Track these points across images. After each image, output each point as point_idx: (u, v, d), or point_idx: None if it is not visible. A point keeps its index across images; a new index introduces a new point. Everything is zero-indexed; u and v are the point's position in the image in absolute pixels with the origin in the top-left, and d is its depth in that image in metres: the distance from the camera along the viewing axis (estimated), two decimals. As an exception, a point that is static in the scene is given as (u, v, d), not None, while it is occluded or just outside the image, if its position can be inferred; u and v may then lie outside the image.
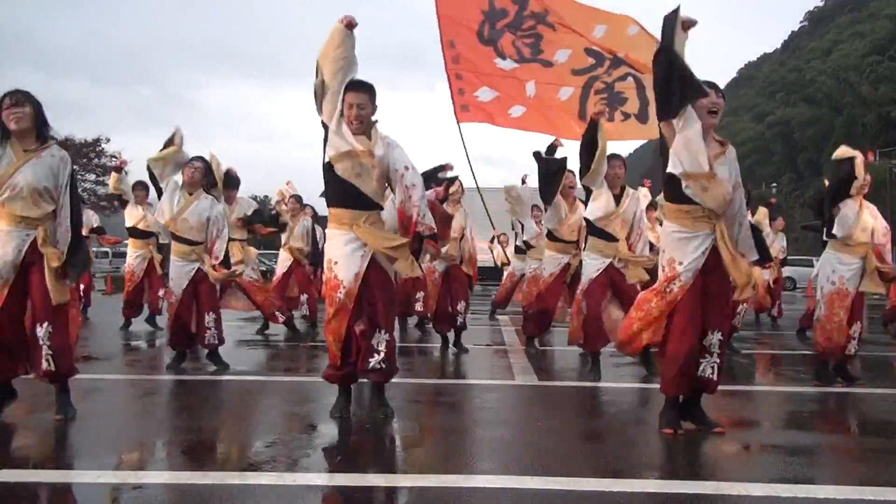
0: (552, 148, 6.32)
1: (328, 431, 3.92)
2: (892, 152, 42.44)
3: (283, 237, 8.61)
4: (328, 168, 3.91)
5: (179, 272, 5.49)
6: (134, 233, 8.46)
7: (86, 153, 31.88)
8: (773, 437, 3.80)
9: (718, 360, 3.78)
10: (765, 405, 4.86)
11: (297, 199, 8.81)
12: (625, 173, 5.53)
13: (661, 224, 4.55)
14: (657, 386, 4.73)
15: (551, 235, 6.54)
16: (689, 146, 3.68)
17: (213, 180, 5.82)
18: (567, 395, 5.03)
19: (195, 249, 5.47)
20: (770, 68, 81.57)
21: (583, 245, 5.90)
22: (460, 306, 6.87)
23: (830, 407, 4.84)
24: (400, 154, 3.97)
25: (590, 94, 6.90)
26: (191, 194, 5.51)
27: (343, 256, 3.87)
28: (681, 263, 3.69)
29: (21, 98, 3.88)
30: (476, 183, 7.71)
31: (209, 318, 5.56)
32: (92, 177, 32.50)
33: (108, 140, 32.70)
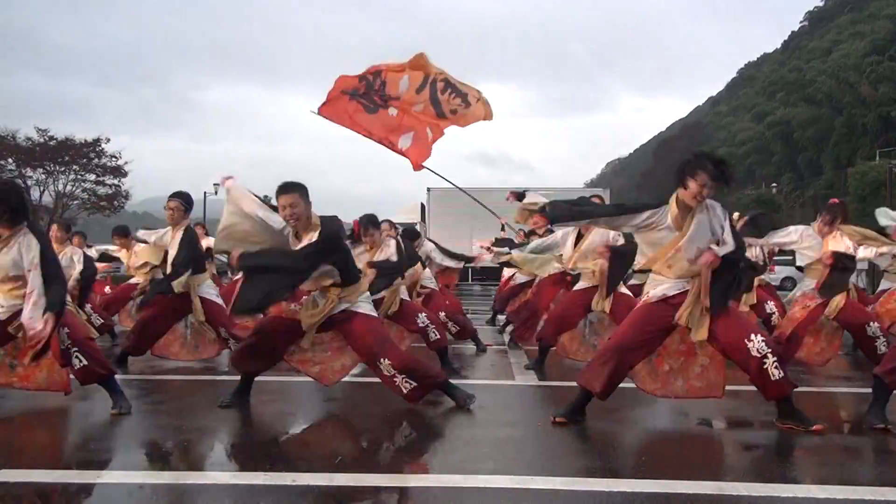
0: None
1: (328, 431, 3.93)
2: (892, 152, 42.42)
3: None
4: None
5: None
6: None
7: (86, 153, 31.82)
8: (773, 438, 3.80)
9: (776, 359, 3.75)
10: (765, 405, 4.85)
11: None
12: None
13: None
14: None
15: None
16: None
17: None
18: (567, 395, 5.02)
19: None
20: (770, 68, 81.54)
21: None
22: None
23: (830, 407, 4.84)
24: None
25: (438, 96, 7.55)
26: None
27: None
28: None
29: None
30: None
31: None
32: (92, 177, 32.45)
33: (108, 140, 32.63)
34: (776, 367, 3.73)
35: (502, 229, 9.84)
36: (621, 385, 5.20)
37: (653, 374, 4.10)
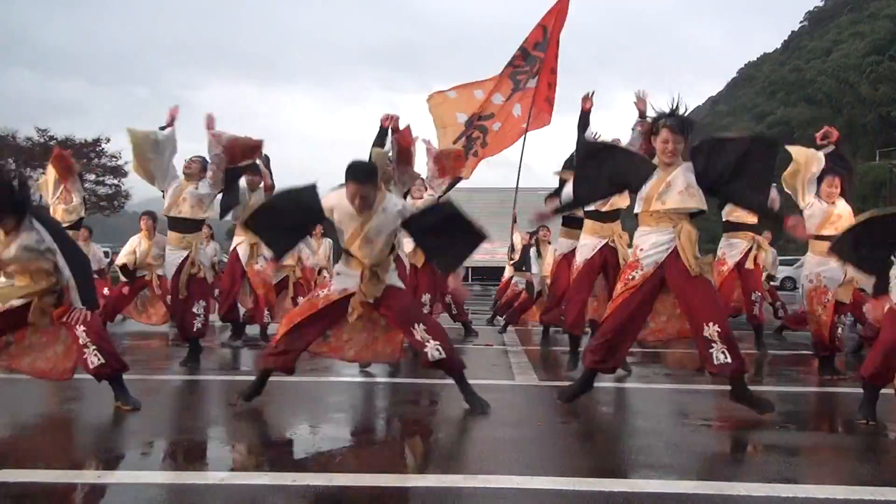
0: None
1: (328, 432, 3.92)
2: (892, 152, 42.40)
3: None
4: None
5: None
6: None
7: (86, 153, 31.85)
8: (773, 437, 3.80)
9: (726, 346, 3.95)
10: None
11: None
12: None
13: None
14: (657, 386, 4.74)
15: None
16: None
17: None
18: (567, 395, 5.03)
19: (186, 237, 5.82)
20: (770, 68, 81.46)
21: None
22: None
23: (830, 407, 4.84)
24: None
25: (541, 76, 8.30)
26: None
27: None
28: (641, 250, 4.12)
29: None
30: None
31: (198, 307, 5.81)
32: (92, 177, 32.46)
33: (108, 140, 32.68)
34: (723, 353, 3.97)
35: (514, 221, 9.90)
36: (621, 385, 5.22)
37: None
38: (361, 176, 4.00)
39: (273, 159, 6.98)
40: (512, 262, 10.47)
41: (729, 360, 3.98)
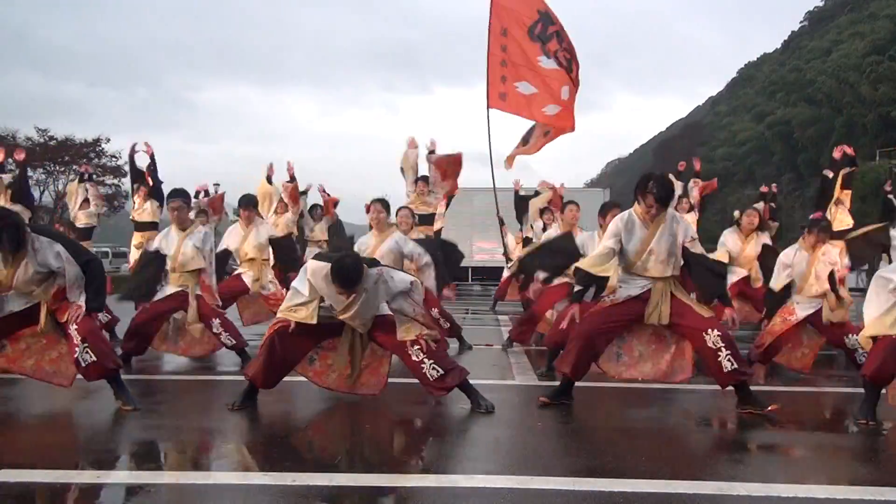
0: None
1: (328, 431, 3.93)
2: (892, 152, 42.40)
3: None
4: None
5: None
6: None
7: (86, 153, 31.84)
8: (772, 437, 3.80)
9: (730, 351, 4.10)
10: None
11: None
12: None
13: None
14: (657, 386, 4.74)
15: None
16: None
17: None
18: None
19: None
20: (770, 68, 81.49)
21: None
22: None
23: (830, 407, 4.84)
24: None
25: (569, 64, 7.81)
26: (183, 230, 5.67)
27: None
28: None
29: None
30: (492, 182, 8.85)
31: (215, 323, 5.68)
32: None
33: (108, 140, 32.66)
34: (729, 360, 4.11)
35: (501, 224, 9.92)
36: (621, 385, 5.22)
37: (617, 359, 4.54)
38: (349, 286, 3.94)
39: (274, 160, 7.01)
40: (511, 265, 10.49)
41: (736, 365, 4.09)
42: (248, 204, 7.16)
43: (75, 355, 4.06)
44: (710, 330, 4.15)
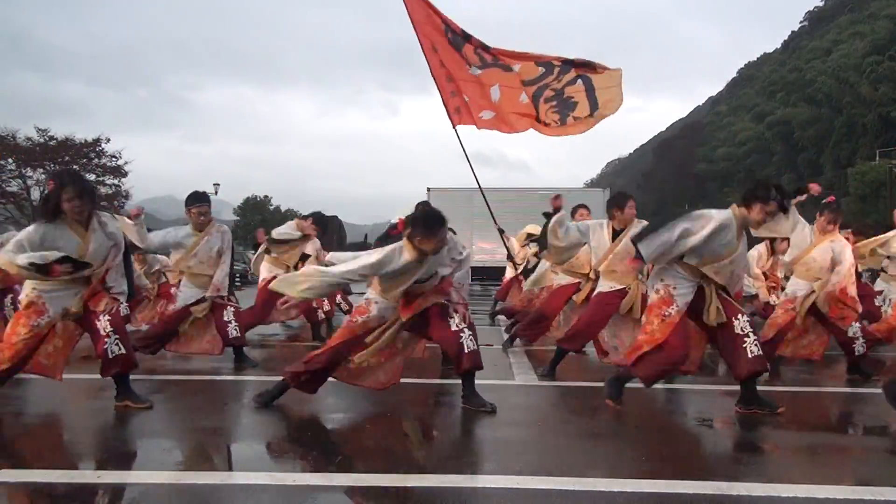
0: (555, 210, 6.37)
1: (328, 431, 3.93)
2: (892, 152, 42.39)
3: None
4: None
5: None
6: None
7: (86, 153, 31.83)
8: (773, 437, 3.80)
9: (756, 337, 4.20)
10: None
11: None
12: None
13: None
14: (657, 386, 4.74)
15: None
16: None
17: None
18: (567, 395, 5.03)
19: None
20: (770, 68, 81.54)
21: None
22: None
23: (830, 407, 4.84)
24: None
25: (540, 103, 7.29)
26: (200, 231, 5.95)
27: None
28: (675, 288, 4.21)
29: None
30: (478, 183, 7.81)
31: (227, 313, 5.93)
32: (92, 177, 32.45)
33: (109, 140, 32.65)
34: (756, 345, 4.16)
35: (501, 233, 9.92)
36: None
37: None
38: (439, 225, 4.17)
39: (273, 160, 7.05)
40: (519, 268, 10.50)
41: (760, 351, 4.17)
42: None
43: (104, 346, 4.13)
44: (739, 315, 4.20)
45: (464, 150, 7.70)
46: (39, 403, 4.55)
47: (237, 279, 17.57)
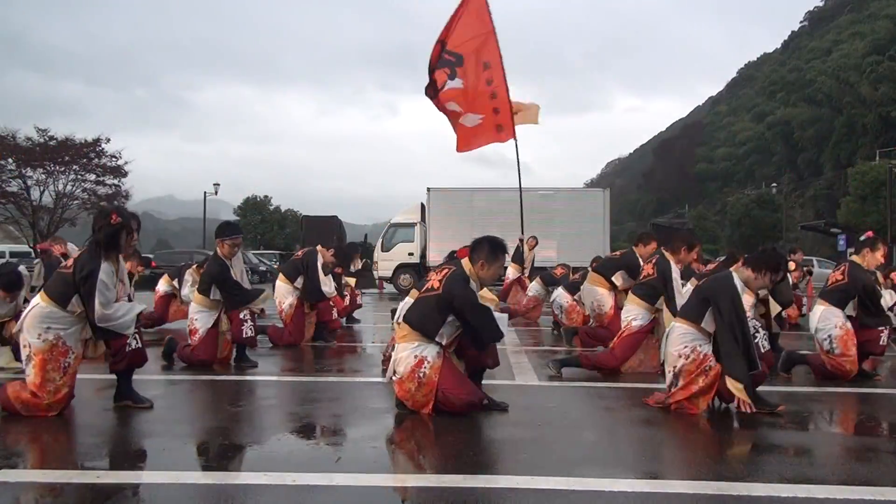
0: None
1: (328, 432, 3.92)
2: (892, 152, 42.38)
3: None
4: None
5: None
6: None
7: (86, 153, 31.80)
8: (773, 437, 3.80)
9: (765, 333, 4.67)
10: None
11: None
12: None
13: None
14: (657, 386, 4.74)
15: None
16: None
17: None
18: (567, 395, 5.04)
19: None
20: (770, 68, 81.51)
21: None
22: None
23: (830, 407, 4.84)
24: None
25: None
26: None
27: None
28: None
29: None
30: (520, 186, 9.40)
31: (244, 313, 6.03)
32: (92, 177, 32.44)
33: (109, 140, 32.60)
34: (765, 340, 4.56)
35: (520, 242, 10.13)
36: (621, 385, 5.23)
37: None
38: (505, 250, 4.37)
39: (273, 160, 7.13)
40: (526, 271, 10.65)
41: (769, 346, 4.53)
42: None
43: (125, 340, 4.17)
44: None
45: (517, 156, 9.02)
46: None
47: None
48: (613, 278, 6.99)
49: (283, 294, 7.64)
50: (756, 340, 4.29)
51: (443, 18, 8.72)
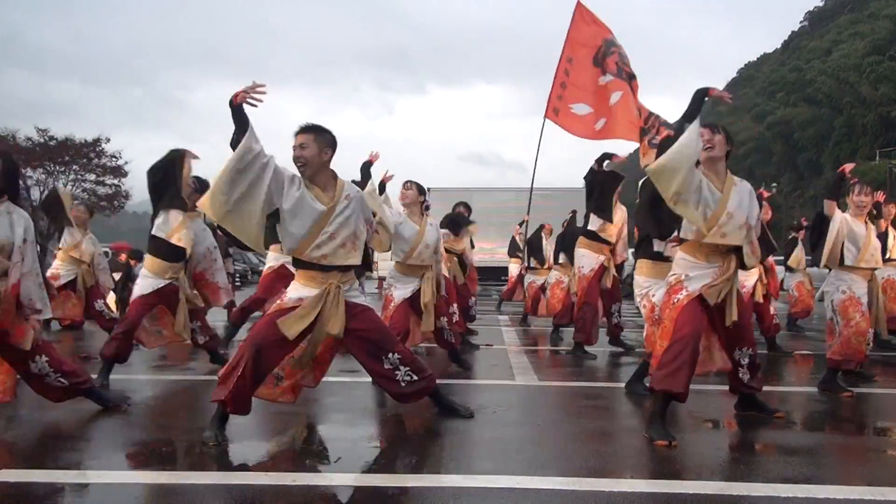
0: (604, 158, 6.40)
1: (327, 432, 3.92)
2: (892, 152, 42.38)
3: None
4: None
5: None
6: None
7: (86, 153, 31.82)
8: (773, 437, 3.80)
9: (749, 368, 4.00)
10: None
11: None
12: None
13: None
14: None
15: (592, 235, 6.59)
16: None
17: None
18: (567, 395, 5.04)
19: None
20: (770, 68, 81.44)
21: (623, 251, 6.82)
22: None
23: (831, 407, 4.84)
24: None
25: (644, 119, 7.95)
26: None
27: None
28: (687, 277, 3.81)
29: None
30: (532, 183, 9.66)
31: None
32: (92, 177, 32.47)
33: (108, 140, 32.65)
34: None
35: (520, 224, 10.38)
36: (621, 385, 5.22)
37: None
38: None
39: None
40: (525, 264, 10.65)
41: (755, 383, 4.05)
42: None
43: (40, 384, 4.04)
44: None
45: (539, 142, 9.03)
46: (39, 403, 4.54)
47: (237, 279, 17.58)
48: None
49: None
50: None
51: (440, 18, 8.97)
